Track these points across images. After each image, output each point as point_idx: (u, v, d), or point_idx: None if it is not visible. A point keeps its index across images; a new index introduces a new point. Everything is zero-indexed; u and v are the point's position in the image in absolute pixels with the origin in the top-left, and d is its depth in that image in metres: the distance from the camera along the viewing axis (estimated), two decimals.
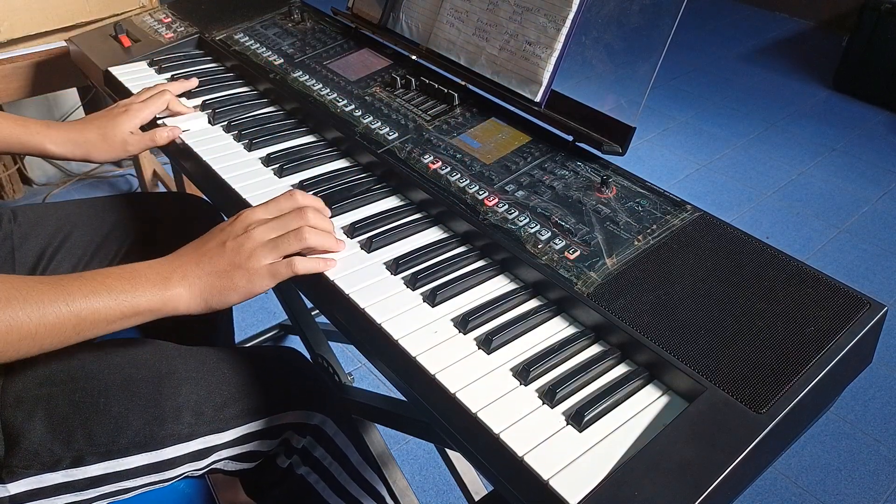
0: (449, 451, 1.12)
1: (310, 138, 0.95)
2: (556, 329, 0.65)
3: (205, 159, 0.89)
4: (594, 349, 0.63)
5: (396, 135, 0.88)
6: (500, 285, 0.71)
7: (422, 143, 0.86)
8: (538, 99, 0.86)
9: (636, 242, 0.69)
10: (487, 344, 0.62)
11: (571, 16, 0.83)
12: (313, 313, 1.26)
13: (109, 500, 0.72)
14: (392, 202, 0.83)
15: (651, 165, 2.46)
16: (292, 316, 1.13)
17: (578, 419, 0.55)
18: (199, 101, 1.02)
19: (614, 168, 0.81)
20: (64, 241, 0.93)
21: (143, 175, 1.92)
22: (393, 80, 0.97)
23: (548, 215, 0.73)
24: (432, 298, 0.67)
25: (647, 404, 0.58)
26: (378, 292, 0.69)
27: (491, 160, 0.82)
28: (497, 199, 0.76)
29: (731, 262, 0.66)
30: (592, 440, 0.54)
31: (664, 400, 0.58)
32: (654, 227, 0.71)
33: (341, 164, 0.90)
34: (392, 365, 0.63)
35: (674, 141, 2.61)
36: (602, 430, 0.55)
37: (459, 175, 0.80)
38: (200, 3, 1.27)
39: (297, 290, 1.11)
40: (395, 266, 0.71)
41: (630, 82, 0.81)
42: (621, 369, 0.62)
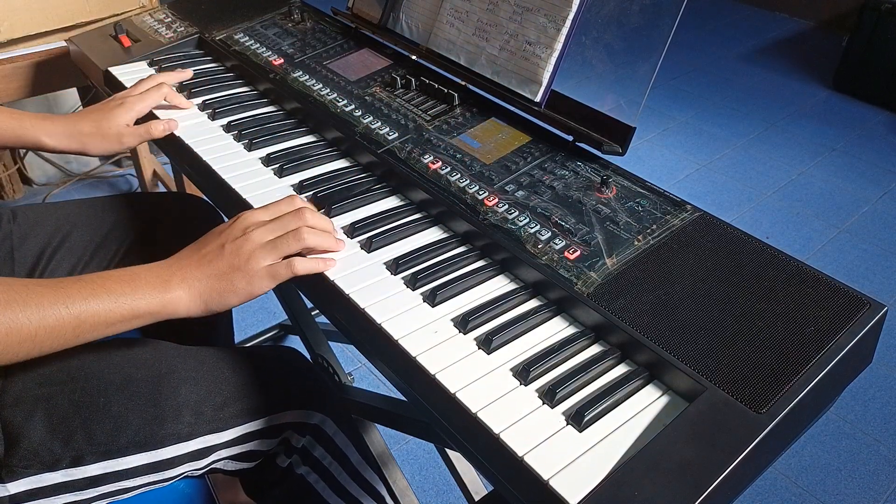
0: (449, 451, 1.12)
1: (310, 138, 0.95)
2: (556, 329, 0.65)
3: (205, 159, 0.89)
4: (594, 349, 0.63)
5: (396, 135, 0.88)
6: (500, 285, 0.71)
7: (422, 143, 0.86)
8: (538, 99, 0.86)
9: (636, 242, 0.69)
10: (487, 344, 0.62)
11: (571, 16, 0.83)
12: (313, 313, 1.26)
13: (109, 500, 0.71)
14: (392, 202, 0.83)
15: (651, 165, 2.46)
16: (292, 316, 1.13)
17: (578, 419, 0.55)
18: (200, 100, 1.02)
19: (614, 168, 0.81)
20: (63, 241, 0.93)
21: (143, 175, 1.92)
22: (393, 80, 0.97)
23: (548, 215, 0.73)
24: (432, 298, 0.67)
25: (647, 404, 0.58)
26: (378, 292, 0.69)
27: (491, 160, 0.82)
28: (497, 199, 0.76)
29: (731, 262, 0.66)
30: (592, 440, 0.54)
31: (664, 400, 0.58)
32: (654, 227, 0.71)
33: (341, 164, 0.90)
34: (392, 365, 0.63)
35: (674, 141, 2.61)
36: (602, 430, 0.55)
37: (459, 175, 0.80)
38: (200, 3, 1.27)
39: (297, 290, 1.11)
40: (395, 266, 0.71)
41: (630, 82, 0.81)
42: (621, 369, 0.62)
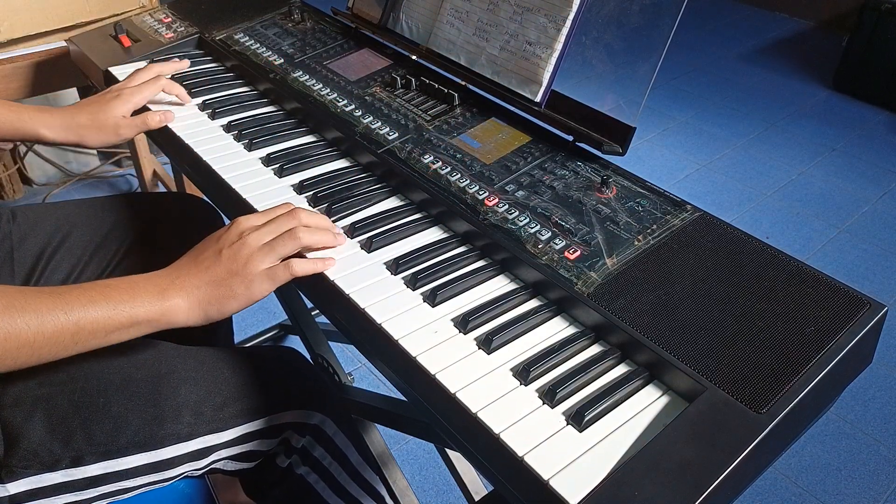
0: (449, 451, 1.12)
1: (310, 138, 0.95)
2: (556, 329, 0.65)
3: (205, 159, 0.89)
4: (594, 349, 0.63)
5: (396, 135, 0.88)
6: (500, 285, 0.71)
7: (422, 143, 0.86)
8: (538, 99, 0.86)
9: (636, 242, 0.69)
10: (487, 344, 0.62)
11: (571, 16, 0.83)
12: (313, 313, 1.26)
13: (109, 500, 0.71)
14: (392, 202, 0.83)
15: (651, 165, 2.46)
16: (292, 316, 1.13)
17: (578, 419, 0.55)
18: (200, 100, 1.02)
19: (614, 168, 0.81)
20: (63, 241, 0.93)
21: (143, 175, 1.92)
22: (393, 80, 0.97)
23: (548, 215, 0.73)
24: (432, 298, 0.67)
25: (647, 404, 0.58)
26: (378, 292, 0.69)
27: (491, 160, 0.82)
28: (497, 199, 0.76)
29: (731, 262, 0.66)
30: (592, 440, 0.54)
31: (664, 400, 0.58)
32: (654, 227, 0.71)
33: (341, 164, 0.90)
34: (392, 365, 0.63)
35: (674, 141, 2.61)
36: (602, 430, 0.55)
37: (459, 175, 0.80)
38: (200, 3, 1.27)
39: (297, 290, 1.11)
40: (395, 266, 0.71)
41: (630, 82, 0.81)
42: (621, 369, 0.62)
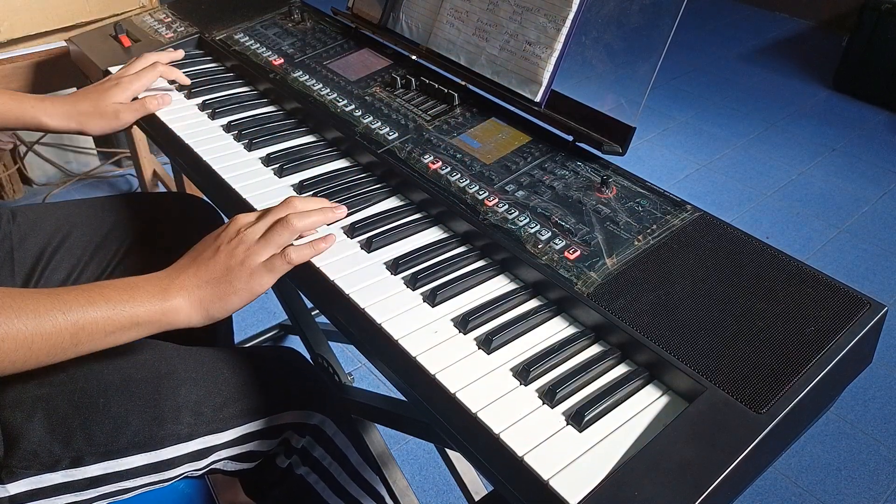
0: (449, 451, 1.12)
1: (310, 138, 0.95)
2: (556, 329, 0.65)
3: (205, 159, 0.89)
4: (594, 349, 0.63)
5: (396, 135, 0.88)
6: (500, 285, 0.71)
7: (422, 143, 0.86)
8: (538, 99, 0.86)
9: (636, 242, 0.69)
10: (487, 344, 0.62)
11: (571, 16, 0.83)
12: (313, 313, 1.26)
13: (109, 500, 0.71)
14: (392, 202, 0.83)
15: (651, 165, 2.46)
16: (292, 316, 1.13)
17: (578, 419, 0.55)
18: (200, 100, 1.02)
19: (614, 168, 0.81)
20: (63, 241, 0.93)
21: (143, 175, 1.92)
22: (393, 80, 0.97)
23: (548, 215, 0.73)
24: (432, 298, 0.67)
25: (647, 404, 0.58)
26: (378, 292, 0.69)
27: (491, 160, 0.82)
28: (497, 199, 0.76)
29: (731, 262, 0.66)
30: (592, 440, 0.54)
31: (664, 400, 0.58)
32: (654, 227, 0.71)
33: (341, 164, 0.90)
34: (392, 365, 0.63)
35: (674, 141, 2.61)
36: (602, 430, 0.55)
37: (459, 175, 0.80)
38: (200, 3, 1.27)
39: (297, 290, 1.11)
40: (395, 266, 0.71)
41: (630, 82, 0.81)
42: (621, 369, 0.62)
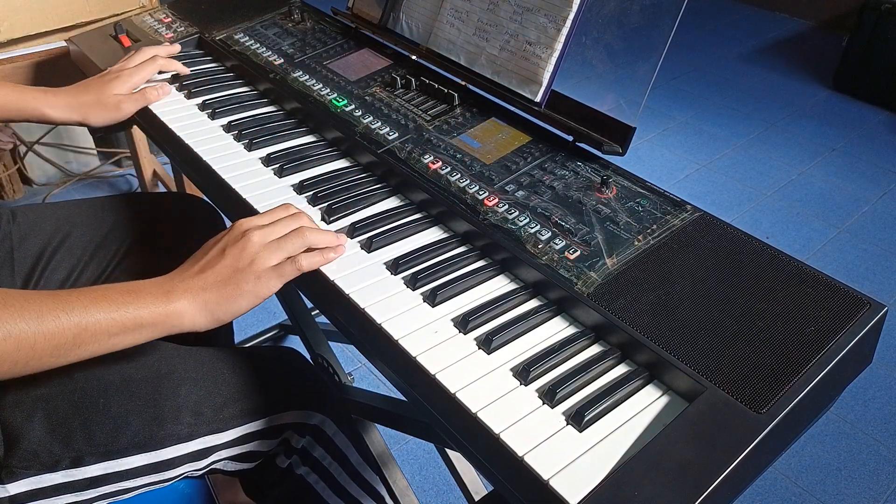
0: (449, 451, 1.12)
1: (310, 138, 0.95)
2: (556, 329, 0.65)
3: (205, 159, 0.89)
4: (594, 349, 0.63)
5: (396, 135, 0.88)
6: (500, 285, 0.71)
7: (422, 143, 0.86)
8: (538, 99, 0.86)
9: (636, 242, 0.69)
10: (487, 344, 0.62)
11: (571, 16, 0.83)
12: (313, 313, 1.26)
13: (109, 501, 0.71)
14: (392, 202, 0.83)
15: (651, 165, 2.46)
16: (292, 316, 1.13)
17: (578, 419, 0.55)
18: (200, 100, 1.02)
19: (614, 168, 0.81)
20: (63, 241, 0.93)
21: (143, 175, 1.92)
22: (393, 80, 0.97)
23: (548, 215, 0.73)
24: (432, 298, 0.67)
25: (647, 404, 0.58)
26: (378, 292, 0.69)
27: (491, 160, 0.82)
28: (497, 199, 0.76)
29: (731, 262, 0.66)
30: (592, 440, 0.54)
31: (664, 400, 0.58)
32: (654, 227, 0.71)
33: (341, 164, 0.90)
34: (392, 365, 0.63)
35: (674, 141, 2.61)
36: (602, 430, 0.55)
37: (459, 175, 0.80)
38: (200, 3, 1.27)
39: (297, 290, 1.11)
40: (395, 266, 0.71)
41: (630, 82, 0.81)
42: (621, 369, 0.62)
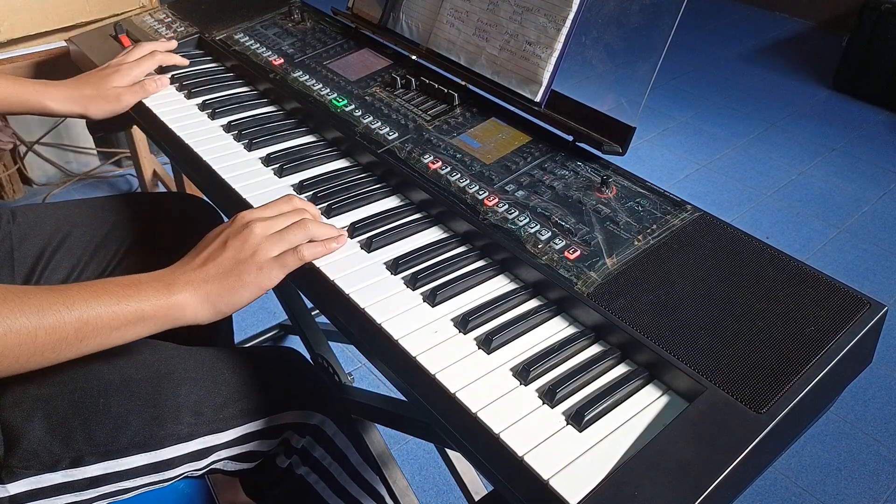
0: (449, 451, 1.12)
1: (310, 138, 0.95)
2: (556, 329, 0.65)
3: (205, 159, 0.89)
4: (594, 349, 0.63)
5: (396, 135, 0.88)
6: (500, 285, 0.71)
7: (422, 143, 0.86)
8: (538, 99, 0.86)
9: (636, 242, 0.69)
10: (487, 344, 0.62)
11: (571, 16, 0.83)
12: (313, 313, 1.26)
13: (109, 500, 0.71)
14: (392, 202, 0.83)
15: (651, 165, 2.46)
16: (292, 316, 1.13)
17: (578, 419, 0.55)
18: (200, 100, 1.02)
19: (614, 168, 0.81)
20: (63, 241, 0.93)
21: (143, 175, 1.92)
22: (393, 80, 0.97)
23: (548, 215, 0.73)
24: (432, 298, 0.67)
25: (647, 404, 0.58)
26: (378, 292, 0.69)
27: (491, 160, 0.82)
28: (497, 199, 0.76)
29: (731, 262, 0.66)
30: (592, 440, 0.54)
31: (664, 400, 0.58)
32: (654, 227, 0.71)
33: (341, 164, 0.90)
34: (392, 365, 0.63)
35: (674, 141, 2.61)
36: (602, 430, 0.55)
37: (459, 175, 0.80)
38: (200, 3, 1.27)
39: (297, 290, 1.11)
40: (395, 266, 0.71)
41: (630, 82, 0.81)
42: (621, 369, 0.62)
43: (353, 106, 0.94)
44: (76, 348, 0.60)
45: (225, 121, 0.97)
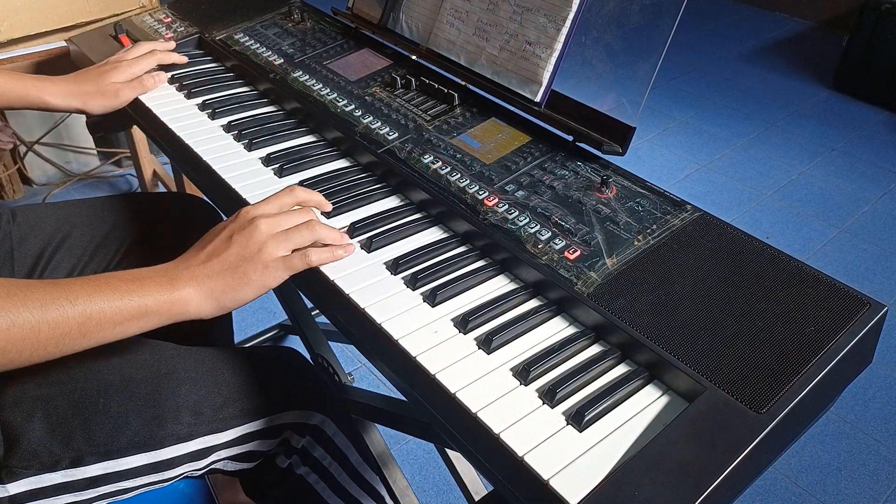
0: (449, 451, 1.12)
1: (310, 138, 0.95)
2: (556, 329, 0.65)
3: (205, 159, 0.89)
4: (594, 349, 0.63)
5: (396, 135, 0.88)
6: (500, 285, 0.71)
7: (422, 143, 0.86)
8: (538, 99, 0.86)
9: (636, 242, 0.69)
10: (487, 344, 0.62)
11: (571, 16, 0.83)
12: (313, 313, 1.26)
13: (109, 500, 0.71)
14: (392, 202, 0.83)
15: (651, 165, 2.46)
16: (292, 316, 1.13)
17: (578, 419, 0.55)
18: (200, 100, 1.02)
19: (614, 168, 0.81)
20: (63, 241, 0.93)
21: (143, 175, 1.92)
22: (393, 80, 0.97)
23: (548, 215, 0.73)
24: (432, 298, 0.67)
25: (647, 404, 0.58)
26: (378, 292, 0.69)
27: (491, 160, 0.82)
28: (497, 199, 0.76)
29: (731, 262, 0.66)
30: (592, 440, 0.54)
31: (664, 400, 0.58)
32: (654, 227, 0.71)
33: (341, 164, 0.90)
34: (392, 365, 0.63)
35: (674, 141, 2.61)
36: (602, 430, 0.55)
37: (459, 175, 0.80)
38: (200, 3, 1.27)
39: (297, 290, 1.11)
40: (395, 266, 0.71)
41: (630, 82, 0.81)
42: (621, 369, 0.62)
43: (353, 106, 0.94)
44: (79, 343, 0.60)
45: (225, 121, 0.97)
